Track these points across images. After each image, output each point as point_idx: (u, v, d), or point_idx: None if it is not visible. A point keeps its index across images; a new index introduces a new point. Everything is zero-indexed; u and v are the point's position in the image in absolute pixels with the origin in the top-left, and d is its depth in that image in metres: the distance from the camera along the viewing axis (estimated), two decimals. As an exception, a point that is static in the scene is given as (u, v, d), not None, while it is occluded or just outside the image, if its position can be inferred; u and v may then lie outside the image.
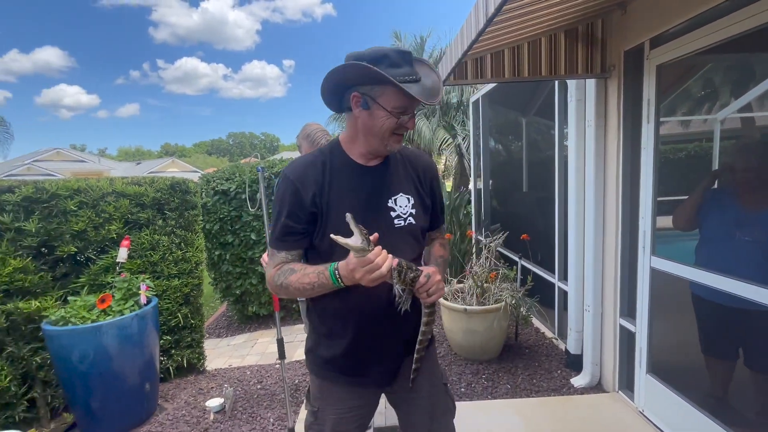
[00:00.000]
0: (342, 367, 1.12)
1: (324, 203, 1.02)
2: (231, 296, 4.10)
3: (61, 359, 2.06)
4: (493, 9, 1.26)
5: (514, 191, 4.24)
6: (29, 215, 2.25)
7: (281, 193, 1.06)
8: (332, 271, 0.96)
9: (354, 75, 0.97)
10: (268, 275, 1.09)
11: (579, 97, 2.51)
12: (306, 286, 1.00)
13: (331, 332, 1.12)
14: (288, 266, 1.05)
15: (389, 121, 1.00)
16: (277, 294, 1.11)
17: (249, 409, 2.47)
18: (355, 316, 1.07)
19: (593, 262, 2.47)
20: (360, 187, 1.06)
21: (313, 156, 1.09)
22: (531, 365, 2.86)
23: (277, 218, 1.07)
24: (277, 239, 1.07)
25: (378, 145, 1.04)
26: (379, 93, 0.98)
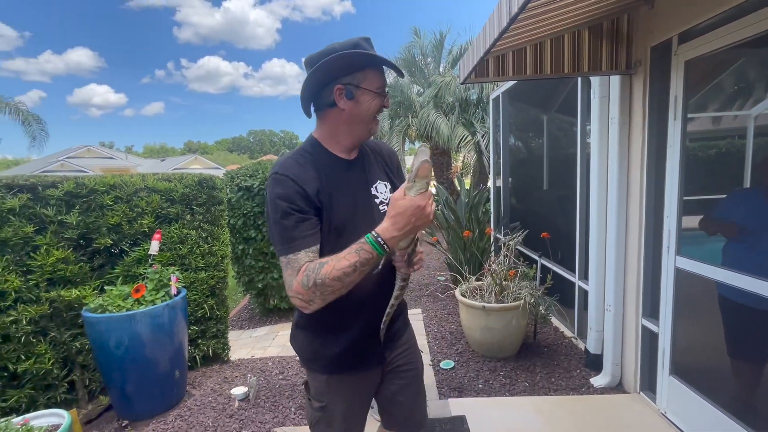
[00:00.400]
0: (350, 356, 1.14)
1: (325, 199, 1.03)
2: (253, 289, 4.22)
3: (99, 344, 2.19)
4: (516, 8, 1.27)
5: (533, 189, 4.20)
6: (70, 209, 2.39)
7: (284, 193, 0.99)
8: (372, 241, 0.92)
9: (340, 65, 1.00)
10: (294, 285, 0.95)
11: (603, 94, 2.48)
12: (347, 269, 0.92)
13: (341, 326, 1.12)
14: (312, 265, 0.95)
15: (375, 102, 1.05)
16: (310, 302, 0.96)
17: (271, 398, 2.56)
18: (360, 300, 1.09)
19: (615, 261, 2.44)
20: (349, 180, 1.10)
21: (298, 155, 1.08)
22: (549, 364, 2.85)
23: (286, 217, 0.98)
24: (296, 238, 0.98)
25: (363, 132, 1.09)
26: (361, 78, 1.03)
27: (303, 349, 1.19)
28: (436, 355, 3.10)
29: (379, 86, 1.05)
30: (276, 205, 1.00)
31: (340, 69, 1.01)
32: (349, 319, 1.11)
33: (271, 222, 1.02)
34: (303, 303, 0.98)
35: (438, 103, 9.20)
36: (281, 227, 0.99)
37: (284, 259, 0.99)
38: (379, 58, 1.03)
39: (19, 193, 2.22)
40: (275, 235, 1.01)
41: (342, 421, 1.18)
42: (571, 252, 3.15)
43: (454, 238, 4.41)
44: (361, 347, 1.15)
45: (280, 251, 1.00)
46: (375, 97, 1.05)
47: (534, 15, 1.80)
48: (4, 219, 2.15)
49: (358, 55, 1.00)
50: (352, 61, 1.01)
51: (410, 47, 10.21)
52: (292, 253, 0.98)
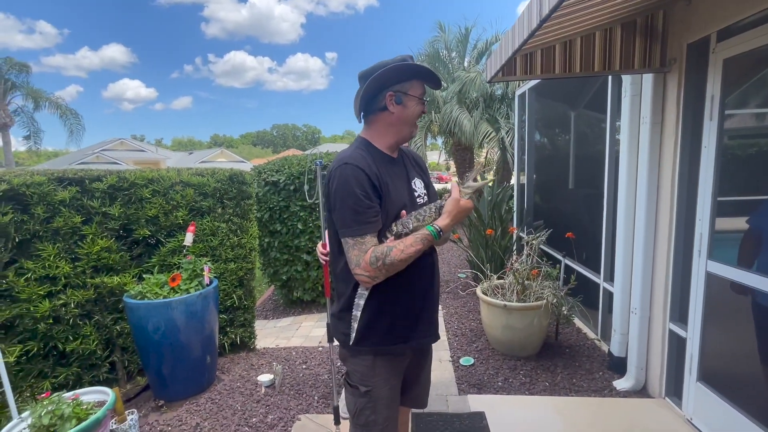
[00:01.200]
0: (401, 329, 1.25)
1: (384, 188, 1.20)
2: (278, 281, 4.36)
3: (138, 328, 2.34)
4: (547, 10, 1.28)
5: (559, 187, 4.14)
6: (113, 201, 2.55)
7: (355, 180, 1.14)
8: (436, 233, 1.18)
9: (392, 75, 1.21)
10: (362, 263, 1.14)
11: (634, 92, 2.42)
12: (413, 254, 1.15)
13: (397, 298, 1.24)
14: (380, 248, 1.14)
15: (419, 107, 1.26)
16: (375, 278, 1.16)
17: (296, 386, 2.67)
18: (417, 274, 1.26)
19: (642, 263, 2.39)
20: (397, 174, 1.28)
21: (355, 150, 1.23)
22: (571, 365, 2.84)
23: (358, 203, 1.13)
24: (366, 222, 1.14)
25: (406, 133, 1.28)
26: (408, 87, 1.24)
27: (357, 325, 1.24)
28: (456, 352, 3.13)
29: (422, 93, 1.26)
30: (349, 192, 1.14)
31: (392, 79, 1.22)
32: (408, 289, 1.25)
33: (342, 206, 1.15)
34: (368, 279, 1.16)
35: (462, 98, 9.11)
36: (353, 212, 1.14)
37: (351, 240, 1.16)
38: (423, 69, 1.25)
39: (69, 185, 2.39)
40: (346, 218, 1.15)
41: (385, 406, 1.27)
42: (596, 253, 3.10)
43: (475, 236, 4.40)
44: (414, 314, 1.27)
45: (349, 233, 1.16)
46: (418, 103, 1.26)
47: (565, 14, 1.78)
48: (56, 210, 2.31)
49: (408, 66, 1.22)
50: (401, 72, 1.21)
51: (434, 42, 10.13)
52: (359, 235, 1.15)
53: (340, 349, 1.35)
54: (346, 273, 1.22)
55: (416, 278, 1.26)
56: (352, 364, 1.30)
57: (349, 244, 1.16)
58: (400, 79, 1.22)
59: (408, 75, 1.23)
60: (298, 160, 4.22)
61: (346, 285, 1.25)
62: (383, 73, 1.19)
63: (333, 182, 1.18)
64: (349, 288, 1.24)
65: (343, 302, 1.27)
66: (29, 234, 2.22)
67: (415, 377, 1.43)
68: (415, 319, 1.28)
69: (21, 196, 2.20)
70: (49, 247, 2.27)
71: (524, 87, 4.90)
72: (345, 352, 1.31)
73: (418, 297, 1.28)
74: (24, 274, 2.19)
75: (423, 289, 1.30)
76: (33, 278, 2.21)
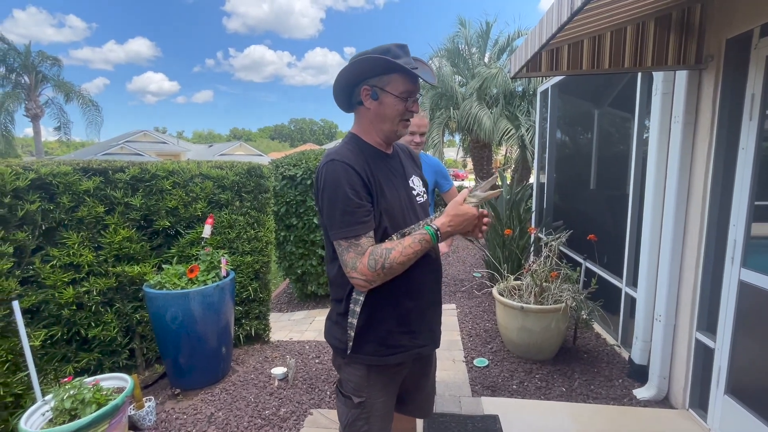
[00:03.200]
0: (399, 337, 1.16)
1: (377, 186, 1.11)
2: (293, 275, 4.39)
3: (157, 318, 2.38)
4: (580, 2, 1.22)
5: (580, 187, 4.02)
6: (135, 192, 2.60)
7: (346, 178, 1.05)
8: (433, 233, 1.08)
9: (365, 68, 1.10)
10: (360, 266, 1.04)
11: (666, 90, 2.31)
12: (411, 256, 1.06)
13: (396, 303, 1.15)
14: (379, 249, 1.05)
15: (399, 106, 1.13)
16: (372, 282, 1.06)
17: (308, 380, 2.68)
18: (418, 277, 1.17)
19: (669, 269, 2.30)
20: (391, 170, 1.20)
21: (345, 146, 1.14)
22: (589, 370, 2.76)
23: (348, 202, 1.04)
24: (358, 222, 1.05)
25: (389, 131, 1.17)
26: (386, 82, 1.11)
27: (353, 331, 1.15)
28: (470, 352, 3.09)
29: (403, 91, 1.12)
30: (337, 191, 1.05)
31: (368, 71, 1.11)
32: (408, 292, 1.17)
33: (330, 206, 1.06)
34: (365, 283, 1.07)
35: (481, 95, 8.96)
36: (342, 212, 1.05)
37: (345, 242, 1.06)
38: (398, 66, 1.08)
39: (93, 176, 2.44)
40: (335, 219, 1.06)
41: (379, 418, 1.20)
42: (618, 256, 3.00)
43: (492, 235, 4.33)
44: (415, 320, 1.19)
45: (340, 234, 1.06)
46: (397, 101, 1.12)
47: (596, 6, 1.71)
48: (80, 199, 2.37)
49: (380, 60, 1.08)
50: (376, 65, 1.09)
51: (454, 37, 9.97)
52: (354, 236, 1.05)
53: (333, 356, 1.28)
54: (342, 277, 1.14)
55: (416, 279, 1.16)
56: (346, 373, 1.21)
57: (343, 247, 1.06)
58: (377, 72, 1.10)
59: (386, 69, 1.10)
60: (316, 155, 4.22)
61: (342, 290, 1.16)
62: (355, 64, 1.08)
63: (320, 180, 1.09)
64: (345, 293, 1.16)
65: (339, 307, 1.19)
66: (55, 222, 2.29)
67: (416, 386, 1.34)
68: (414, 326, 1.19)
69: (48, 185, 2.26)
70: (73, 235, 2.33)
71: (547, 84, 4.77)
72: (339, 360, 1.24)
73: (419, 301, 1.19)
74: (50, 261, 2.26)
75: (424, 292, 1.21)
76: (58, 265, 2.28)
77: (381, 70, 1.10)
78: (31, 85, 18.09)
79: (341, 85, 1.15)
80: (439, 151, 9.40)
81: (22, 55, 17.62)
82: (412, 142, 2.05)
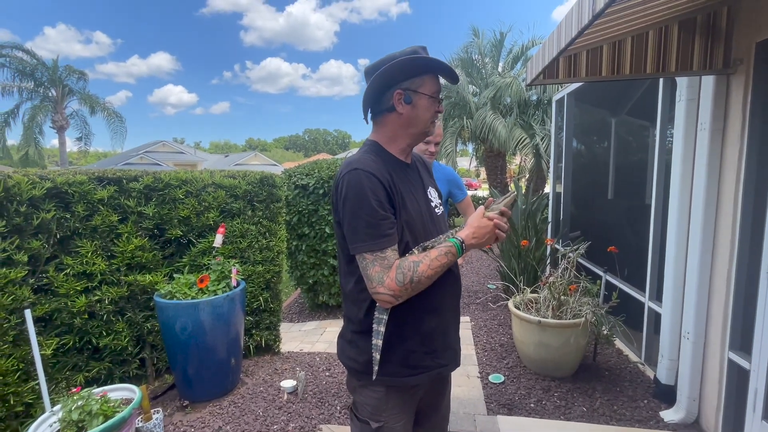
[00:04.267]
0: (421, 356, 1.10)
1: (398, 197, 1.06)
2: (304, 284, 4.35)
3: (166, 327, 2.37)
4: (602, 4, 1.16)
5: (598, 197, 3.90)
6: (148, 201, 2.62)
7: (371, 188, 0.99)
8: (458, 245, 1.05)
9: (398, 71, 1.06)
10: (387, 281, 0.98)
11: (690, 96, 2.22)
12: (438, 269, 1.01)
13: (418, 320, 1.09)
14: (406, 262, 1.00)
15: (432, 107, 1.11)
16: (399, 298, 1.00)
17: (318, 394, 2.62)
18: (440, 292, 1.11)
19: (698, 284, 2.17)
20: (411, 181, 1.16)
21: (367, 155, 1.08)
22: (611, 389, 2.62)
23: (373, 213, 0.98)
24: (383, 235, 0.99)
25: (419, 135, 1.15)
26: (419, 84, 1.08)
27: (367, 352, 1.08)
28: (485, 367, 2.98)
29: (435, 91, 1.11)
30: (361, 201, 0.99)
31: (400, 74, 1.07)
32: (429, 309, 1.11)
33: (354, 217, 1.00)
34: (392, 299, 1.00)
35: (495, 104, 8.90)
36: (366, 223, 0.99)
37: (370, 255, 1.00)
38: (436, 63, 1.08)
39: (108, 185, 2.47)
40: (359, 231, 0.99)
41: None
42: (640, 269, 2.87)
43: (507, 246, 4.23)
44: (436, 338, 1.13)
45: (365, 247, 0.99)
46: (431, 102, 1.11)
47: (617, 11, 1.65)
48: (95, 208, 2.40)
49: (417, 60, 1.06)
50: (411, 67, 1.07)
51: (468, 47, 9.97)
52: (379, 249, 0.99)
53: (348, 378, 1.20)
54: (358, 293, 1.07)
55: (438, 296, 1.11)
56: (362, 396, 1.13)
57: (368, 260, 0.99)
58: (410, 75, 1.07)
59: (419, 70, 1.07)
60: (328, 164, 4.22)
61: (358, 307, 1.09)
62: (389, 68, 1.04)
63: (342, 190, 1.02)
64: (362, 310, 1.08)
65: (354, 325, 1.11)
66: (69, 231, 2.31)
67: (433, 406, 1.27)
68: (437, 345, 1.13)
69: (63, 194, 2.29)
70: (87, 244, 2.35)
71: (563, 92, 4.68)
72: (354, 382, 1.16)
73: (442, 318, 1.14)
74: (63, 269, 2.28)
75: (446, 309, 1.15)
76: (71, 274, 2.29)
77: (414, 71, 1.07)
78: (57, 98, 18.83)
79: (374, 93, 1.09)
80: (452, 160, 9.34)
81: (50, 70, 18.39)
82: (427, 151, 2.00)
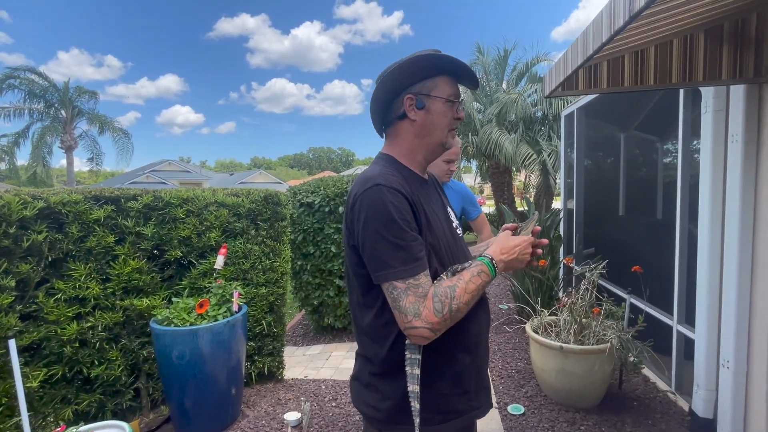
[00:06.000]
0: (455, 399, 0.96)
1: (422, 215, 0.94)
2: (309, 306, 4.19)
3: (163, 356, 2.21)
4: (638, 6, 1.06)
5: (613, 214, 3.75)
6: (147, 221, 2.50)
7: (394, 206, 0.86)
8: (488, 262, 0.92)
9: (409, 73, 0.96)
10: (425, 313, 0.84)
11: (718, 107, 2.10)
12: (474, 294, 0.88)
13: (450, 357, 0.96)
14: (441, 288, 0.87)
15: (449, 112, 0.99)
16: (438, 331, 0.86)
17: (324, 427, 2.43)
18: (473, 325, 0.99)
19: (736, 308, 2.00)
20: (432, 199, 1.05)
21: (384, 168, 0.96)
22: (642, 422, 2.41)
23: (402, 235, 0.85)
24: (415, 260, 0.86)
25: (437, 145, 1.02)
26: (432, 86, 0.98)
27: (391, 397, 0.93)
28: (503, 397, 2.78)
29: (451, 94, 0.99)
30: (387, 221, 0.85)
31: (409, 77, 0.97)
32: (462, 342, 0.97)
33: (379, 240, 0.85)
34: (429, 333, 0.85)
35: (500, 120, 8.87)
36: (395, 246, 0.85)
37: (401, 284, 0.85)
38: (448, 62, 0.97)
39: (105, 204, 2.36)
40: (386, 255, 0.85)
41: None
42: (666, 290, 2.70)
43: (520, 265, 4.05)
44: (471, 376, 1.00)
45: (394, 275, 0.85)
46: (447, 106, 0.99)
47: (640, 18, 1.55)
48: (90, 229, 2.28)
49: (424, 59, 0.95)
50: (420, 68, 0.96)
51: (472, 65, 10.05)
52: (412, 276, 0.85)
53: (366, 427, 1.03)
54: (380, 327, 0.93)
55: (472, 327, 0.97)
56: None
57: (400, 290, 0.85)
58: (420, 77, 0.96)
59: (430, 71, 0.96)
60: (334, 182, 4.11)
61: (380, 345, 0.94)
62: (397, 70, 0.94)
63: (361, 210, 0.88)
64: (384, 348, 0.93)
65: (374, 366, 0.96)
66: (62, 253, 2.19)
67: None
68: (471, 386, 0.99)
69: (57, 214, 2.18)
70: (80, 267, 2.22)
71: (572, 107, 4.60)
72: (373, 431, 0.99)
73: (475, 354, 1.00)
74: (54, 294, 2.14)
75: (480, 343, 1.02)
76: (63, 299, 2.16)
77: (425, 73, 0.97)
78: (67, 119, 19.17)
79: (381, 100, 0.99)
80: (458, 177, 9.26)
81: (60, 91, 18.79)
82: (449, 170, 1.89)
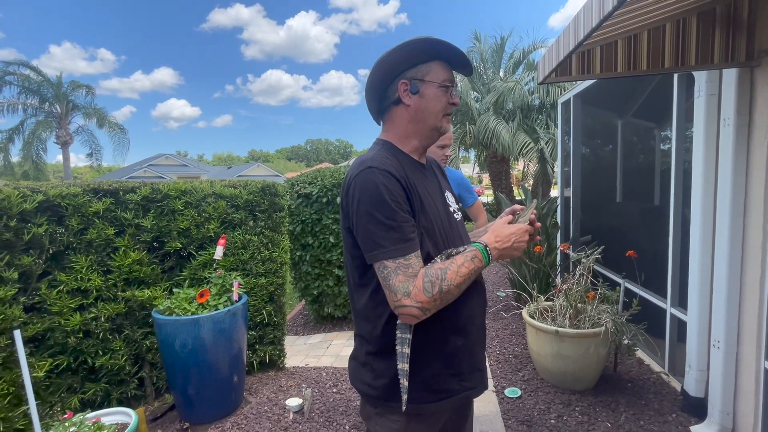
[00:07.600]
0: (447, 379, 0.99)
1: (416, 198, 0.96)
2: (309, 296, 4.24)
3: (165, 345, 2.25)
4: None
5: (610, 201, 3.78)
6: (146, 213, 2.52)
7: (386, 187, 0.89)
8: (482, 248, 0.93)
9: (402, 59, 0.98)
10: (414, 291, 0.86)
11: (711, 91, 2.12)
12: (466, 278, 0.90)
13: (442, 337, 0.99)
14: (432, 269, 0.89)
15: (443, 96, 1.01)
16: (428, 311, 0.88)
17: (326, 412, 2.48)
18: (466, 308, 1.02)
19: (727, 289, 2.04)
20: (428, 183, 1.06)
21: (380, 153, 0.98)
22: (636, 403, 2.47)
23: (393, 215, 0.88)
24: (406, 240, 0.88)
25: (432, 130, 1.04)
26: (425, 71, 1.00)
27: (385, 376, 0.97)
28: (500, 381, 2.84)
29: (445, 79, 1.01)
30: (379, 203, 0.88)
31: (402, 63, 0.99)
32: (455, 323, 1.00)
33: (371, 221, 0.88)
34: (419, 312, 0.88)
35: (498, 109, 8.84)
36: (386, 227, 0.88)
37: (391, 263, 0.88)
38: (442, 46, 0.98)
39: (104, 197, 2.38)
40: (377, 236, 0.88)
41: None
42: (659, 274, 2.74)
43: (517, 252, 4.10)
44: (463, 357, 1.02)
45: (385, 254, 0.88)
46: (440, 91, 1.01)
47: (632, 2, 1.56)
48: (90, 221, 2.30)
49: (417, 44, 0.97)
50: (412, 53, 0.99)
51: (469, 53, 9.96)
52: (402, 256, 0.88)
53: (362, 405, 1.07)
54: (373, 308, 0.96)
55: (465, 310, 1.00)
56: (379, 425, 1.01)
57: (390, 269, 0.88)
58: (415, 62, 0.99)
59: (424, 56, 0.99)
60: (331, 172, 4.13)
61: (373, 324, 0.97)
62: (390, 56, 0.97)
63: (354, 192, 0.92)
64: (378, 327, 0.96)
65: (369, 346, 1.00)
66: (63, 246, 2.21)
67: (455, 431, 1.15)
68: (464, 367, 1.02)
69: (56, 207, 2.20)
70: (82, 259, 2.25)
71: (569, 94, 4.60)
72: (369, 409, 1.03)
73: (468, 337, 1.02)
74: (56, 286, 2.18)
75: (473, 326, 1.04)
76: (65, 291, 2.19)
77: (419, 58, 0.99)
78: (61, 114, 19.02)
79: (376, 87, 1.02)
80: (455, 166, 9.26)
81: (54, 86, 18.59)
82: (443, 155, 1.91)
